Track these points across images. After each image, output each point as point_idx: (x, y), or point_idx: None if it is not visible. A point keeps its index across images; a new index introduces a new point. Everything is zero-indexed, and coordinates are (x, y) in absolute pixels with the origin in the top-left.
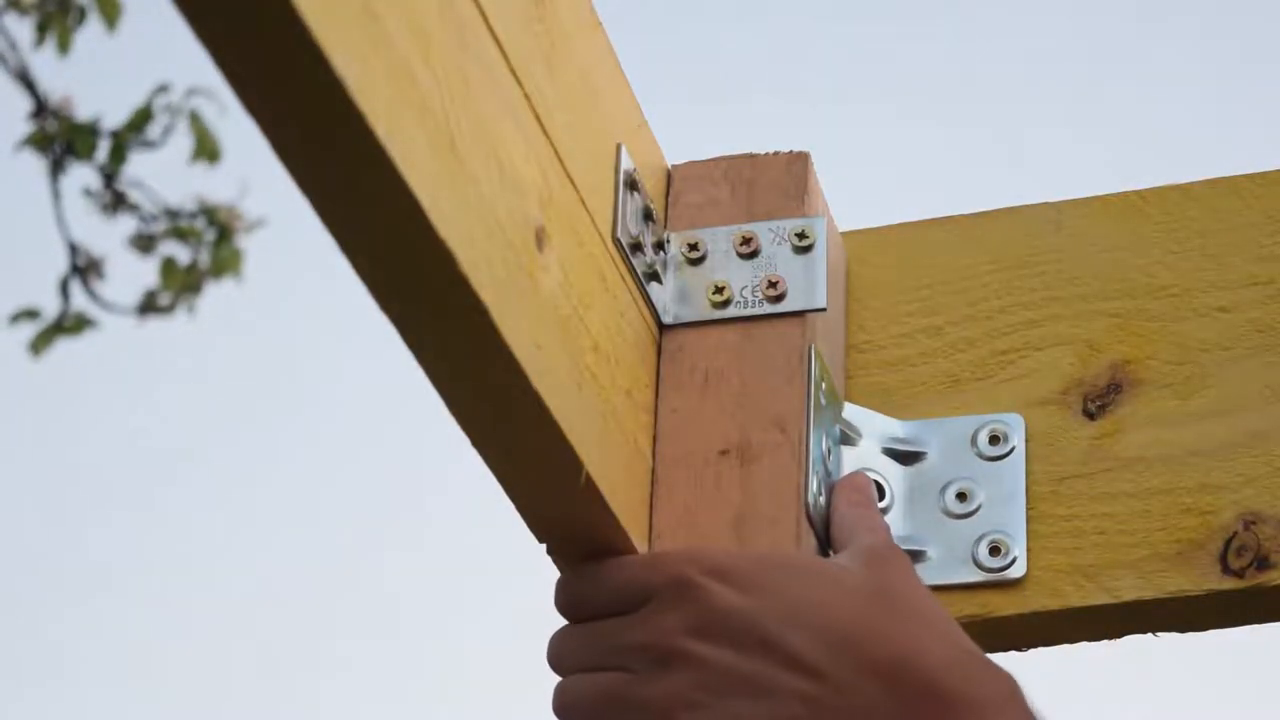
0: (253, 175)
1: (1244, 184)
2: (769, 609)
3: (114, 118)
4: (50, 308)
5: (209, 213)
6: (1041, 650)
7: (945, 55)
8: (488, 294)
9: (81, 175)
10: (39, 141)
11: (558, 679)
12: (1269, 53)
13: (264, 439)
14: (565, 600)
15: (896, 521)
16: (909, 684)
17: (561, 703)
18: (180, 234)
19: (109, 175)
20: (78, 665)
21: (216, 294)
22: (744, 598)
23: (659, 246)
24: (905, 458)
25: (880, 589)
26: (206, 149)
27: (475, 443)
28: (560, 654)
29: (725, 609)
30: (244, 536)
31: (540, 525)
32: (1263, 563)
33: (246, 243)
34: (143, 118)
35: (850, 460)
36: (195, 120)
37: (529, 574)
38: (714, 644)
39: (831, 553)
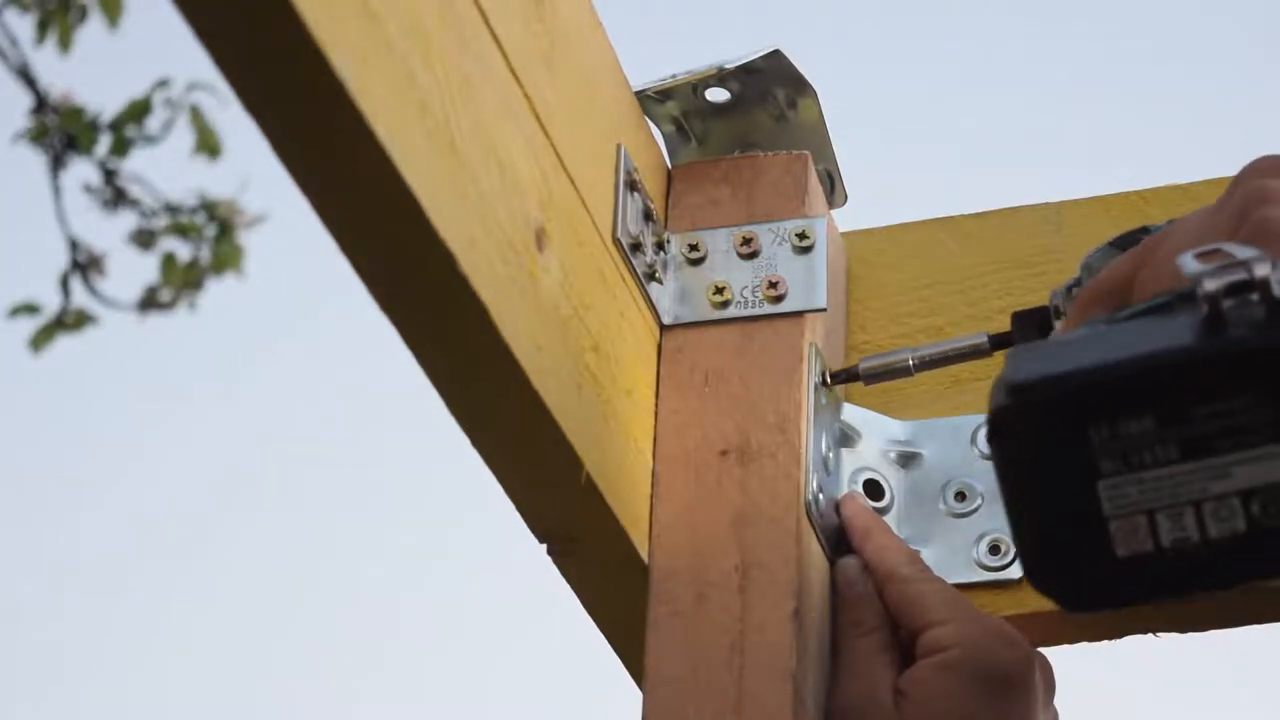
0: (254, 170)
1: None
2: None
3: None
4: (50, 304)
5: (210, 208)
6: (1041, 650)
7: (945, 55)
8: (488, 294)
9: (81, 171)
10: (38, 135)
11: None
12: (1270, 53)
13: (264, 435)
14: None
15: (896, 522)
16: None
17: None
18: (181, 230)
19: (109, 171)
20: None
21: (217, 290)
22: None
23: (659, 247)
24: (905, 458)
25: None
26: (207, 144)
27: (475, 442)
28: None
29: None
30: (245, 531)
31: (540, 525)
32: None
33: (247, 238)
34: (139, 109)
35: (850, 460)
36: (196, 115)
37: (528, 571)
38: None
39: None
